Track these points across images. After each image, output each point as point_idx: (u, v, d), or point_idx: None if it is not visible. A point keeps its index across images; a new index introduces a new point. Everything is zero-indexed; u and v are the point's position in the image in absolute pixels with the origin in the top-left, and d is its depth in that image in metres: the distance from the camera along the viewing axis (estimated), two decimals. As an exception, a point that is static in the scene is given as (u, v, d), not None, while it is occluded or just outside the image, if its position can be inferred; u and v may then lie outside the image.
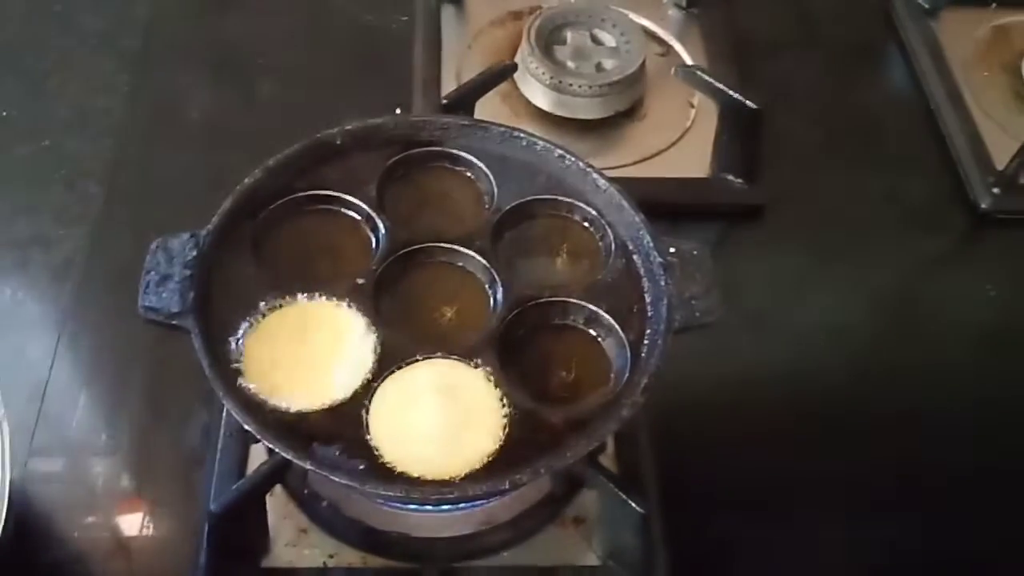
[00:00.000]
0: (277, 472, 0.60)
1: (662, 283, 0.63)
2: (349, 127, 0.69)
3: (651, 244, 0.64)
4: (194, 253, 0.61)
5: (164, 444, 0.74)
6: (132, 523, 0.71)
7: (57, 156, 0.89)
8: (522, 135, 0.70)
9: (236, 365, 0.59)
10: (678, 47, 0.99)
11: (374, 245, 0.66)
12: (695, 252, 0.64)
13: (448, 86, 0.92)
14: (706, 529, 0.72)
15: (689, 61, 0.97)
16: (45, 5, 1.02)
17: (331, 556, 0.67)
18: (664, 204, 0.74)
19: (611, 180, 0.68)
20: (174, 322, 0.59)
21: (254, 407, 0.57)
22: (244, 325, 0.61)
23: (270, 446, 0.55)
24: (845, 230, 0.90)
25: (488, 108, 0.88)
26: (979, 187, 0.90)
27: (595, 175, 0.68)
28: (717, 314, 0.62)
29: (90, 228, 0.84)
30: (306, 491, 0.68)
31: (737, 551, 0.72)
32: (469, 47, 0.97)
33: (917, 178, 0.94)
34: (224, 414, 0.71)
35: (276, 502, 0.67)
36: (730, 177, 0.88)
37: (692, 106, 0.94)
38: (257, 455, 0.70)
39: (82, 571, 0.68)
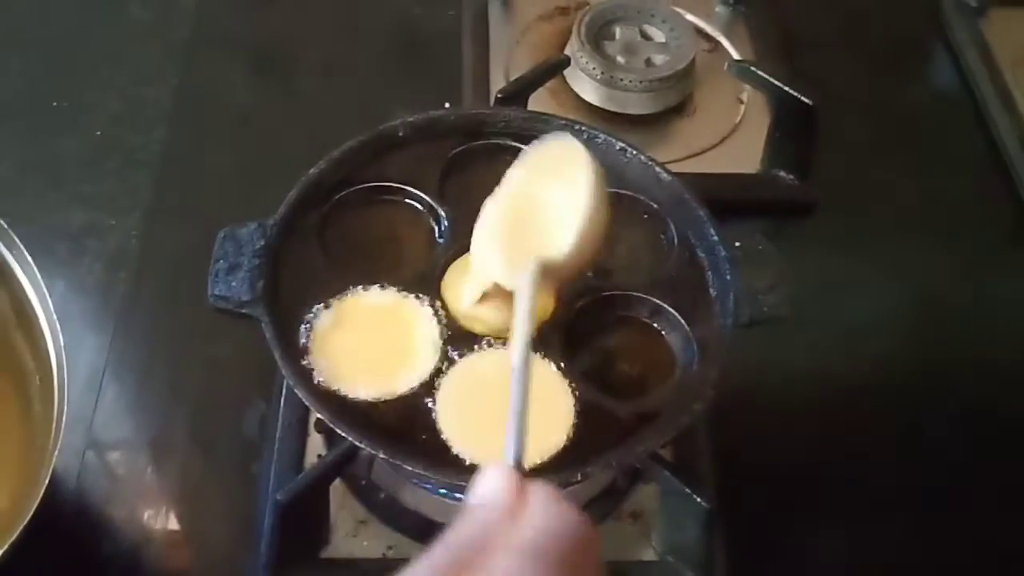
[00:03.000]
0: (343, 461, 0.60)
1: (727, 277, 0.63)
2: (411, 119, 0.69)
3: (716, 238, 0.64)
4: (262, 242, 0.61)
5: (220, 435, 0.74)
6: (188, 514, 0.71)
7: (108, 147, 0.90)
8: (583, 127, 0.70)
9: (305, 354, 0.59)
10: (725, 43, 0.99)
11: (437, 235, 0.66)
12: (760, 247, 0.64)
13: (496, 80, 0.92)
14: (762, 525, 0.71)
15: (737, 57, 0.97)
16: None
17: (390, 547, 0.67)
18: (714, 200, 0.74)
19: (673, 174, 0.68)
20: (244, 310, 0.59)
21: (324, 396, 0.57)
22: (310, 314, 0.61)
23: (343, 434, 0.55)
24: (894, 228, 0.90)
25: (537, 102, 0.88)
26: (1031, 184, 0.90)
27: (657, 168, 0.68)
28: (784, 309, 0.62)
29: (142, 218, 0.85)
30: (364, 482, 0.68)
31: (794, 547, 0.71)
32: (517, 42, 0.97)
33: (966, 177, 0.94)
34: (282, 404, 0.71)
35: (335, 493, 0.67)
36: (782, 173, 0.87)
37: (741, 102, 0.94)
38: (314, 447, 0.70)
39: (139, 562, 0.68)
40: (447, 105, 0.91)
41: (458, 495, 0.64)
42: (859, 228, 0.90)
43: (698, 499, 0.60)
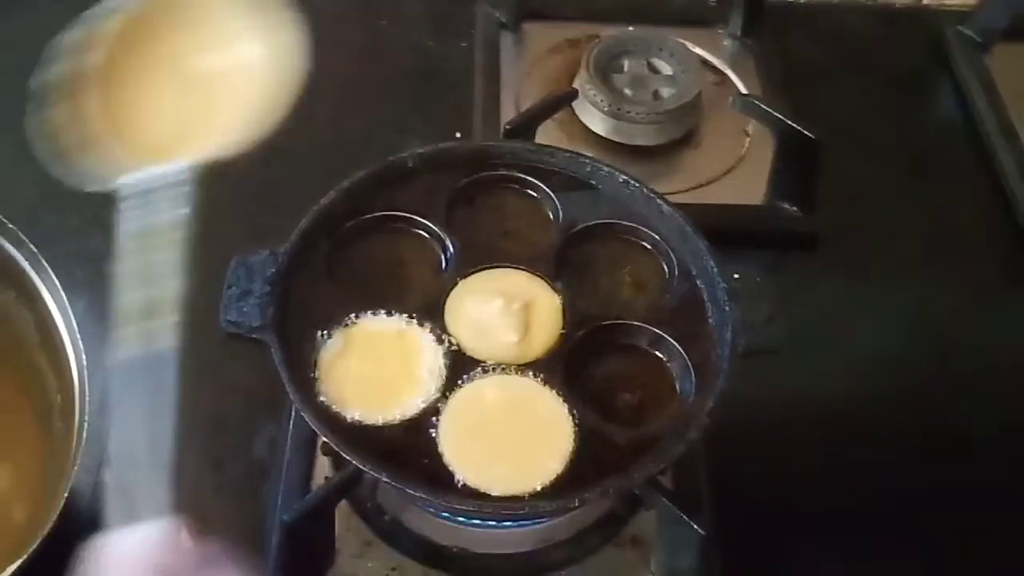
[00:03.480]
0: (348, 483, 0.62)
1: (726, 308, 0.64)
2: (421, 151, 0.71)
3: (715, 270, 0.66)
4: (273, 270, 0.63)
5: (231, 456, 0.75)
6: (198, 533, 0.72)
7: (128, 173, 0.92)
8: (587, 160, 0.72)
9: (312, 378, 0.61)
10: (732, 76, 1.01)
11: (444, 264, 0.68)
12: (758, 279, 0.65)
13: (507, 112, 0.94)
14: (761, 552, 0.72)
15: (744, 90, 0.99)
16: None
17: (393, 569, 0.68)
18: (718, 230, 0.75)
19: (675, 206, 0.69)
20: (254, 335, 0.61)
21: (330, 419, 0.59)
22: (319, 339, 0.63)
23: (346, 457, 0.57)
24: (897, 260, 0.91)
25: (547, 133, 0.90)
26: (1031, 218, 0.91)
27: (659, 201, 0.70)
28: (782, 340, 0.63)
29: (160, 244, 0.87)
30: (369, 504, 0.70)
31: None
32: (528, 74, 0.99)
33: (969, 209, 0.95)
34: (291, 427, 0.73)
35: (340, 515, 0.69)
36: (786, 205, 0.89)
37: (747, 134, 0.95)
38: (321, 469, 0.72)
39: (149, 578, 0.70)
40: (458, 135, 0.94)
41: (460, 519, 0.66)
42: (862, 260, 0.91)
43: (694, 526, 0.62)
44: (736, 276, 0.65)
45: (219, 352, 0.77)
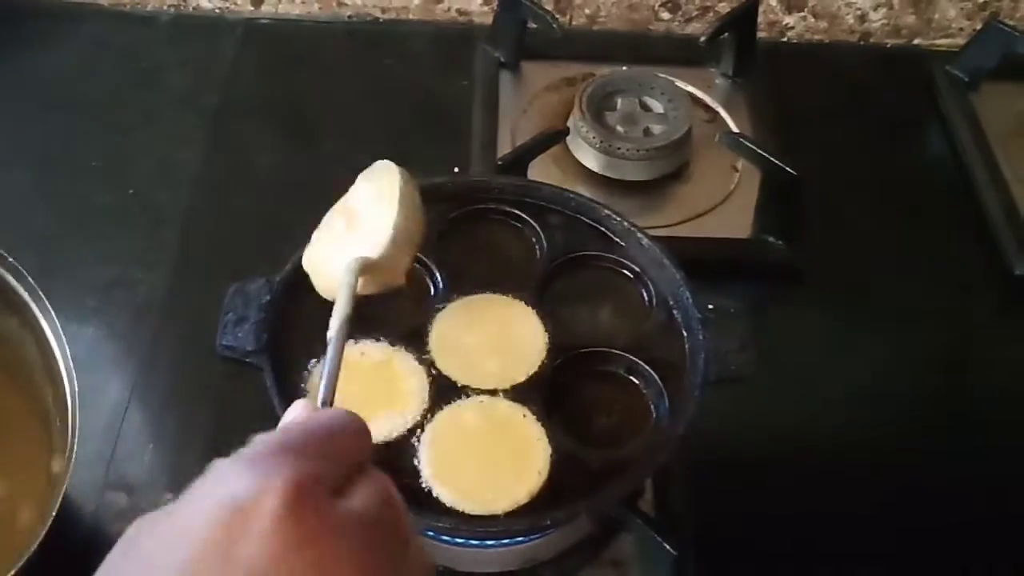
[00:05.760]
0: (335, 502, 0.64)
1: (699, 337, 0.67)
2: (413, 185, 0.74)
3: (690, 300, 0.68)
4: (268, 297, 0.67)
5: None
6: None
7: (140, 204, 0.96)
8: (570, 194, 0.75)
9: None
10: (724, 114, 1.04)
11: (432, 292, 0.71)
12: (732, 309, 0.68)
13: (503, 147, 0.98)
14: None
15: (734, 128, 1.02)
16: (134, 64, 1.10)
17: (380, 584, 0.70)
18: (707, 263, 0.78)
19: (654, 239, 0.72)
20: (248, 360, 0.64)
21: (317, 440, 0.62)
22: (311, 364, 0.66)
23: (331, 476, 0.60)
24: (883, 296, 0.93)
25: (541, 169, 0.94)
26: (1015, 255, 0.93)
27: (639, 234, 0.73)
28: (751, 369, 0.66)
29: (168, 273, 0.90)
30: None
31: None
32: (524, 111, 1.03)
33: (955, 246, 0.97)
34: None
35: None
36: (770, 239, 0.91)
37: (736, 170, 0.98)
38: (315, 488, 0.75)
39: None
40: (456, 170, 0.97)
41: (444, 537, 0.68)
42: (850, 294, 0.93)
43: (667, 547, 0.64)
44: (711, 307, 0.68)
45: (221, 375, 0.80)
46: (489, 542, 0.68)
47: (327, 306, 0.69)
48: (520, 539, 0.68)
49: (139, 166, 1.00)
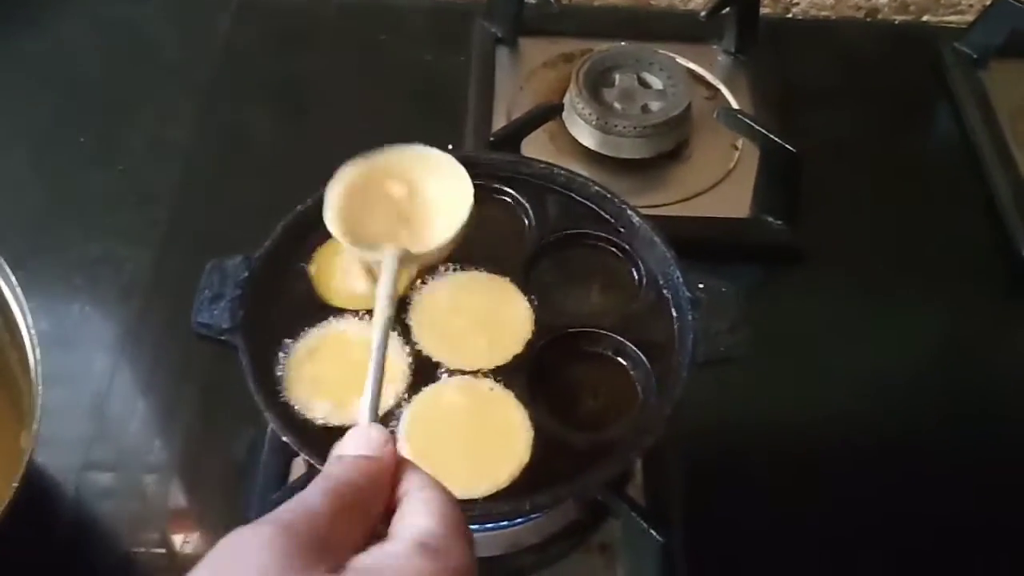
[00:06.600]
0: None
1: (688, 317, 0.65)
2: (400, 161, 0.72)
3: (680, 279, 0.66)
4: (245, 274, 0.65)
5: (214, 459, 0.77)
6: (182, 536, 0.74)
7: (129, 181, 0.95)
8: (562, 171, 0.73)
9: (280, 381, 0.63)
10: (725, 91, 1.02)
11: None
12: (723, 289, 0.66)
13: (499, 124, 0.96)
14: (732, 565, 0.73)
15: (736, 105, 0.99)
16: (126, 40, 1.08)
17: (362, 568, 0.69)
18: (705, 243, 0.76)
19: (645, 217, 0.70)
20: (223, 338, 0.62)
21: (293, 421, 0.61)
22: (289, 343, 0.65)
23: (305, 457, 0.58)
24: (886, 277, 0.91)
25: (537, 147, 0.92)
26: (1023, 238, 0.90)
27: (630, 212, 0.71)
28: (743, 350, 0.64)
29: (155, 250, 0.89)
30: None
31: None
32: (521, 88, 1.01)
33: (962, 228, 0.95)
34: (268, 430, 0.74)
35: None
36: (769, 219, 0.89)
37: (736, 148, 0.96)
38: (297, 469, 0.73)
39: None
40: (451, 146, 0.95)
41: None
42: (853, 275, 0.91)
43: (653, 533, 0.62)
44: (701, 286, 0.66)
45: (204, 355, 0.79)
46: (472, 526, 0.67)
47: (306, 284, 0.68)
48: (503, 524, 0.67)
49: (130, 143, 0.98)
